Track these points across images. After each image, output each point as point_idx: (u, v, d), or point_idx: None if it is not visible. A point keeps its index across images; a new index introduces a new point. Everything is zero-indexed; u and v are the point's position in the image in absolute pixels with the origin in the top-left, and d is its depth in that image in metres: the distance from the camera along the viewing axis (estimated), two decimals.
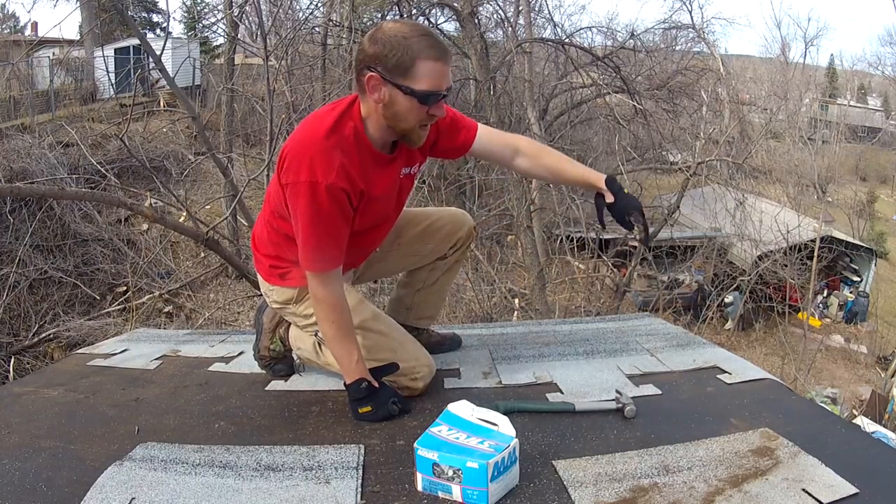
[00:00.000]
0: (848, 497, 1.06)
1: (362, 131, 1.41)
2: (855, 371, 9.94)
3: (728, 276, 8.36)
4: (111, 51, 12.72)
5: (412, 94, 1.33)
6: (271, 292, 1.64)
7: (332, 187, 1.34)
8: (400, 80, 1.32)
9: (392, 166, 1.51)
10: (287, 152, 1.38)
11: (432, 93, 1.35)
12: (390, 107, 1.36)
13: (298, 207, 1.36)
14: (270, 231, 1.57)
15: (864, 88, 31.75)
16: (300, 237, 1.40)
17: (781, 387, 1.64)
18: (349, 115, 1.41)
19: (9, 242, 7.63)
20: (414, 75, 1.32)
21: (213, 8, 14.34)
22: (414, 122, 1.39)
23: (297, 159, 1.35)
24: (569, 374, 1.69)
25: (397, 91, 1.34)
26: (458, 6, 7.99)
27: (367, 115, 1.41)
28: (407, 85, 1.32)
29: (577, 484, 1.13)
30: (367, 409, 1.43)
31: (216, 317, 6.89)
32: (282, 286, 1.60)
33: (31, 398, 1.66)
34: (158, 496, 1.10)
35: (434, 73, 1.33)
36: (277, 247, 1.58)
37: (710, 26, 29.57)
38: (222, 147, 8.47)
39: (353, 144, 1.39)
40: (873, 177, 23.30)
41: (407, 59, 1.31)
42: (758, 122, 12.95)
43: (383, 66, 1.32)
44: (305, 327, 1.63)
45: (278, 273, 1.59)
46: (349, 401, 1.46)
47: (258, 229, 1.65)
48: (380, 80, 1.33)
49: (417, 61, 1.31)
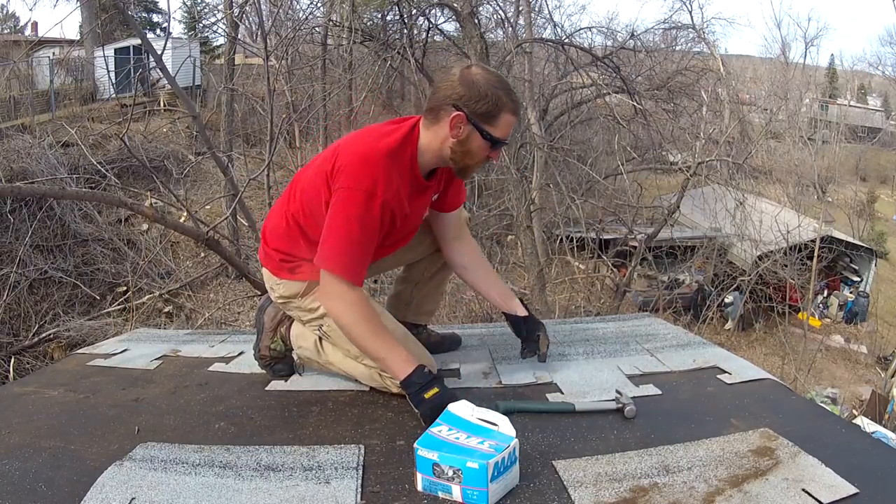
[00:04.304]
0: (848, 497, 1.06)
1: (416, 158, 1.51)
2: (855, 371, 9.94)
3: (728, 276, 8.36)
4: (111, 51, 12.71)
5: (489, 139, 1.47)
6: (278, 286, 1.64)
7: (386, 205, 1.42)
8: (482, 125, 1.45)
9: (427, 192, 1.60)
10: (348, 160, 1.43)
11: (503, 141, 1.49)
12: (465, 144, 1.48)
13: (348, 213, 1.40)
14: (291, 226, 1.57)
15: (864, 88, 31.76)
16: (336, 240, 1.41)
17: (781, 387, 1.64)
18: (409, 139, 1.50)
19: (9, 242, 7.63)
20: (495, 123, 1.46)
21: (213, 8, 14.37)
22: (478, 162, 1.53)
23: (360, 169, 1.41)
24: (569, 374, 1.69)
25: (477, 133, 1.46)
26: (458, 6, 7.98)
27: (427, 143, 1.50)
28: (487, 130, 1.46)
29: (577, 484, 1.13)
30: (435, 391, 1.39)
31: (216, 317, 6.89)
32: (290, 280, 1.60)
33: (32, 398, 1.66)
34: (158, 496, 1.10)
35: (509, 125, 1.48)
36: (294, 243, 1.58)
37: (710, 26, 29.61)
38: (222, 147, 8.47)
39: (407, 170, 1.49)
40: (873, 177, 23.31)
41: (495, 109, 1.44)
42: (758, 122, 12.95)
43: (471, 109, 1.44)
44: (310, 321, 1.63)
45: (288, 267, 1.60)
46: (411, 393, 1.41)
47: (274, 222, 1.64)
48: (464, 119, 1.44)
49: (502, 113, 1.46)
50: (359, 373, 1.60)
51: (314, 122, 8.17)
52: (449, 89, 1.45)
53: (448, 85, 1.46)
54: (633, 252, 7.10)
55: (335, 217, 1.41)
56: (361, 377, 1.61)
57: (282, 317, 1.72)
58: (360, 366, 1.59)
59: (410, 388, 1.41)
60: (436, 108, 1.48)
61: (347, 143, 1.50)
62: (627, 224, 7.53)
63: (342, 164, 1.43)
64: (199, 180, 10.42)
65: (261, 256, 1.69)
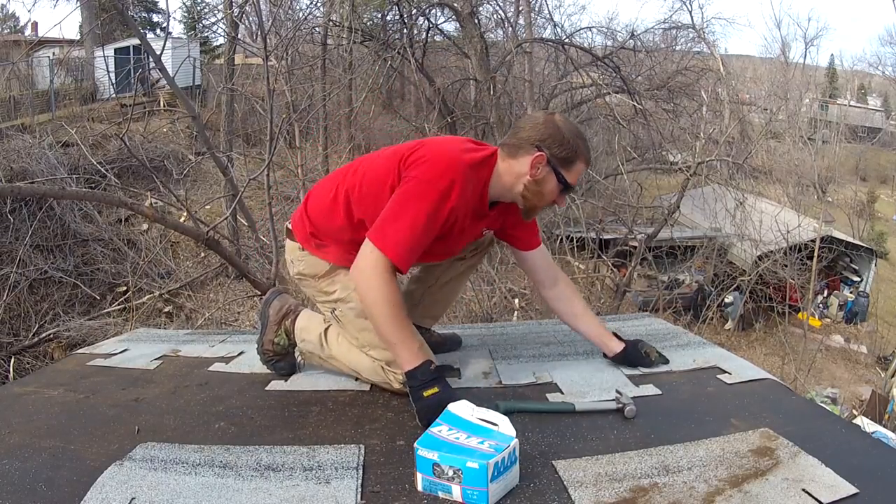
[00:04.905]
0: (848, 497, 1.06)
1: (488, 183, 1.56)
2: (855, 371, 9.93)
3: (728, 276, 8.34)
4: (111, 51, 12.71)
5: (562, 183, 1.55)
6: (300, 262, 1.63)
7: (454, 211, 1.46)
8: (559, 168, 1.53)
9: (483, 221, 1.65)
10: (431, 155, 1.46)
11: (573, 187, 1.58)
12: (540, 184, 1.54)
13: (419, 205, 1.41)
14: (338, 200, 1.56)
15: (864, 88, 31.75)
16: (401, 225, 1.41)
17: (781, 387, 1.64)
18: (488, 164, 1.55)
19: (9, 242, 7.62)
20: (571, 169, 1.55)
21: (213, 8, 14.36)
22: (546, 204, 1.60)
23: (441, 168, 1.44)
24: (569, 374, 1.69)
25: (553, 176, 1.54)
26: (458, 6, 7.99)
27: (501, 174, 1.56)
28: (563, 175, 1.54)
29: (577, 484, 1.13)
30: (434, 391, 1.39)
31: (216, 317, 6.88)
32: (314, 256, 1.60)
33: (32, 398, 1.66)
34: (158, 496, 1.10)
35: (580, 173, 1.58)
36: (331, 217, 1.57)
37: (710, 26, 29.60)
38: (222, 147, 8.46)
39: (478, 189, 1.54)
40: (873, 177, 23.31)
41: (573, 155, 1.54)
42: (758, 122, 12.93)
43: (552, 152, 1.52)
44: (323, 303, 1.63)
45: (315, 243, 1.60)
46: (412, 386, 1.41)
47: (321, 192, 1.63)
48: (544, 161, 1.52)
49: (578, 160, 1.55)
50: (363, 366, 1.60)
51: (314, 122, 8.17)
52: (533, 130, 1.53)
53: (533, 125, 1.54)
54: (633, 252, 7.10)
55: (405, 203, 1.42)
56: (364, 371, 1.61)
57: (287, 310, 1.72)
58: (365, 358, 1.59)
59: (412, 382, 1.42)
60: (516, 144, 1.54)
61: (433, 141, 1.54)
62: (627, 224, 7.53)
63: (423, 157, 1.45)
64: (199, 180, 10.41)
65: (294, 219, 1.67)
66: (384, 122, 11.83)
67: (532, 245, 1.78)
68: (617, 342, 1.75)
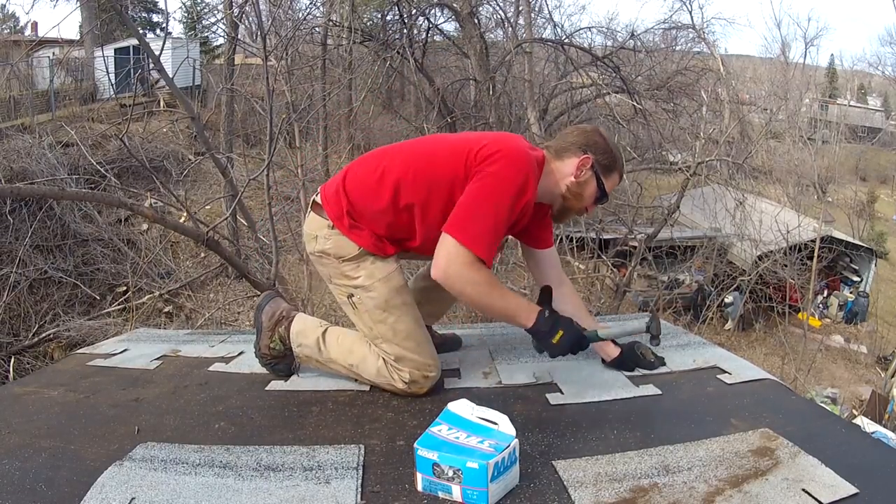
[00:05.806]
0: (848, 497, 1.06)
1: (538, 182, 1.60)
2: (855, 371, 9.93)
3: (728, 276, 8.35)
4: (111, 51, 12.72)
5: (600, 188, 1.65)
6: (327, 239, 1.59)
7: (527, 205, 1.54)
8: (601, 174, 1.64)
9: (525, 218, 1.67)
10: (505, 151, 1.49)
11: (607, 197, 1.67)
12: (581, 186, 1.63)
13: (499, 200, 1.45)
14: (384, 187, 1.53)
15: (864, 88, 31.74)
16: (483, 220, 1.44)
17: (781, 387, 1.64)
18: (541, 163, 1.63)
19: (9, 242, 7.62)
20: (609, 177, 1.66)
21: (212, 8, 14.36)
22: (582, 206, 1.67)
23: (518, 164, 1.48)
24: (569, 374, 1.69)
25: (594, 181, 1.64)
26: (457, 6, 7.99)
27: (546, 174, 1.63)
28: (602, 180, 1.64)
29: (577, 484, 1.13)
30: (560, 334, 1.46)
31: (216, 317, 6.88)
32: (343, 236, 1.56)
33: (31, 398, 1.66)
34: (158, 496, 1.10)
35: (615, 184, 1.70)
36: (376, 198, 1.54)
37: (710, 26, 29.63)
38: (222, 147, 8.46)
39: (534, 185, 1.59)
40: (873, 177, 23.30)
41: (613, 164, 1.66)
42: (758, 122, 12.92)
43: (597, 157, 1.62)
44: (340, 286, 1.62)
45: (349, 223, 1.56)
46: (538, 339, 1.48)
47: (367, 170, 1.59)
48: (590, 164, 1.62)
49: (616, 170, 1.67)
50: (365, 368, 1.59)
51: (314, 122, 8.16)
52: (581, 136, 1.64)
53: (580, 132, 1.66)
54: (633, 252, 7.09)
55: (486, 198, 1.45)
56: (366, 372, 1.60)
57: (279, 317, 1.71)
58: (370, 357, 1.58)
59: (538, 336, 1.48)
60: (563, 147, 1.64)
61: (502, 137, 1.56)
62: (627, 224, 7.52)
63: (498, 152, 1.48)
64: (198, 180, 10.41)
65: (327, 193, 1.62)
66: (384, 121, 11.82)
67: (546, 244, 1.83)
68: (613, 347, 1.75)
